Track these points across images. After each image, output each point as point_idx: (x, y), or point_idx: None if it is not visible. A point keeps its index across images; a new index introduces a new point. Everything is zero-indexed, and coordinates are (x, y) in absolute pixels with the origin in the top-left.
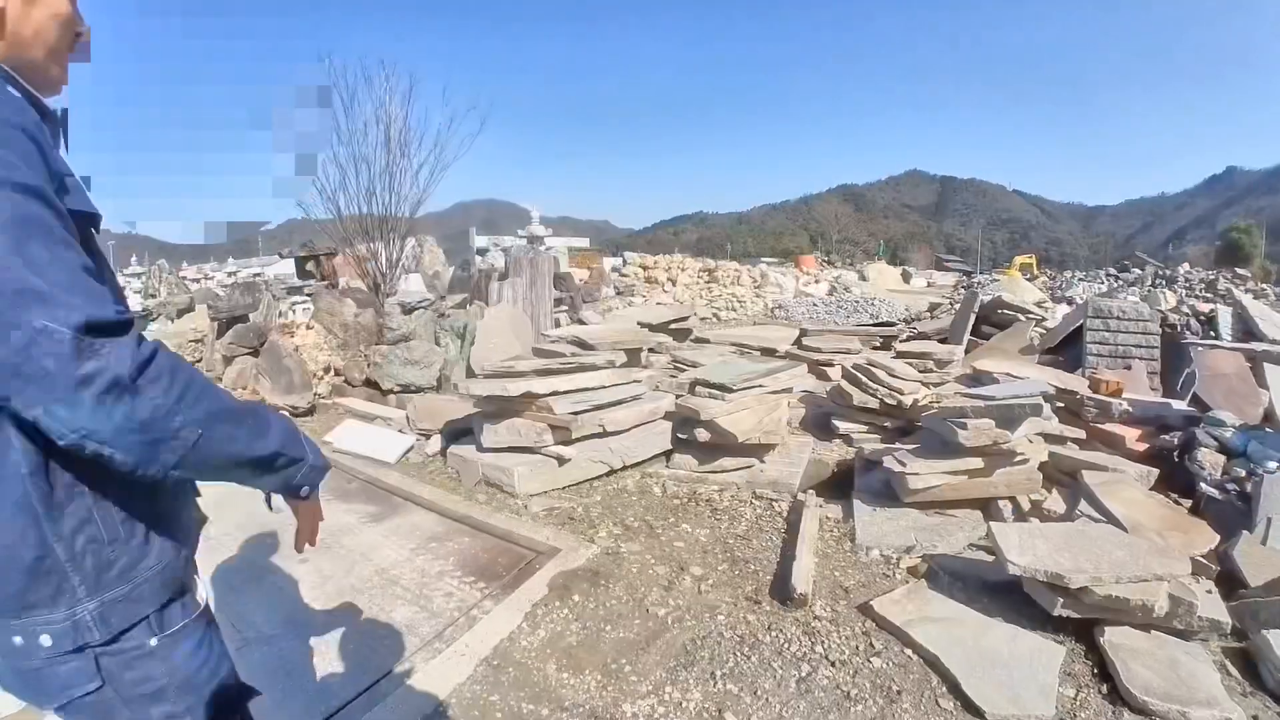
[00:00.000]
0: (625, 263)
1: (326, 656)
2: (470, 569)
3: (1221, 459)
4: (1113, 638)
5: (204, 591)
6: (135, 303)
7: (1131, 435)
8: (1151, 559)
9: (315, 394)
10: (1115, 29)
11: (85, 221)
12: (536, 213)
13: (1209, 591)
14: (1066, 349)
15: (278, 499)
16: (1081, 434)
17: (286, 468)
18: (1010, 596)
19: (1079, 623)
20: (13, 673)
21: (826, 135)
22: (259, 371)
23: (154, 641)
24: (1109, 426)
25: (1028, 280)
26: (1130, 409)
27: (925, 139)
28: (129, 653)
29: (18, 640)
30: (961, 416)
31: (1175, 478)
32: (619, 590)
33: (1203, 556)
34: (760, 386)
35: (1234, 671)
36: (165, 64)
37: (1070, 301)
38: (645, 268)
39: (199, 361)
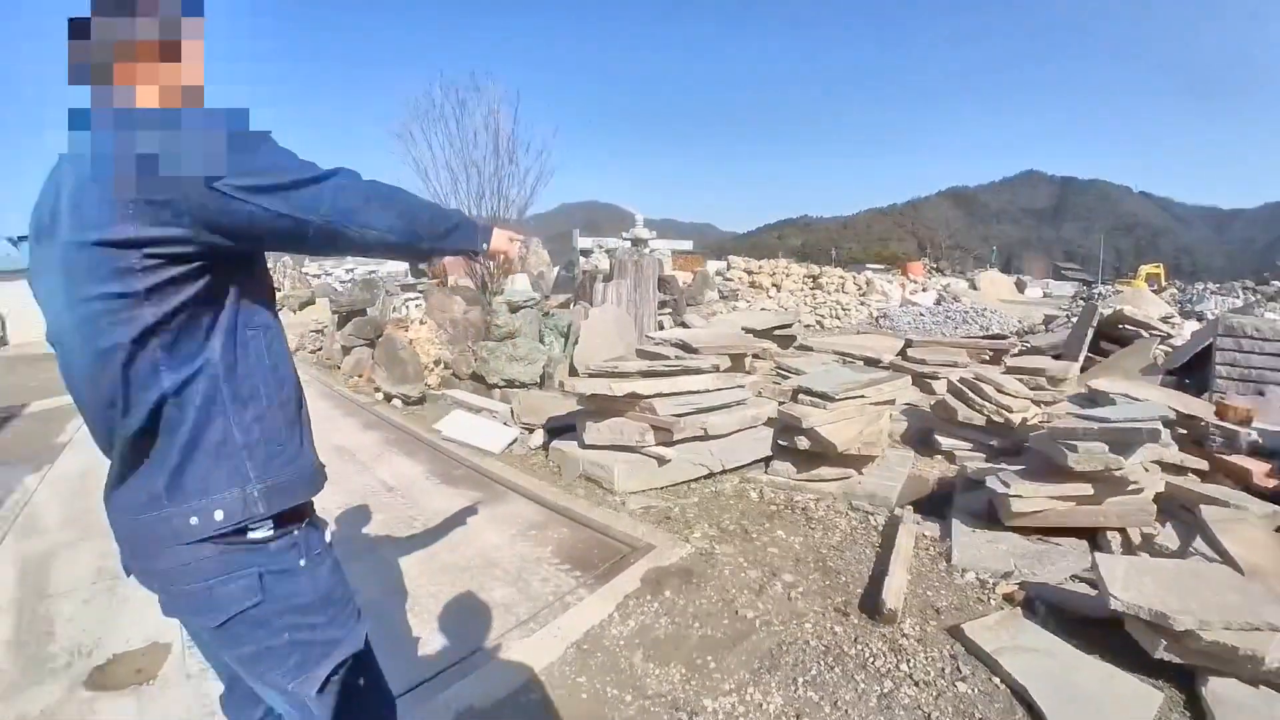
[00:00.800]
0: (729, 267)
1: (426, 626)
2: (567, 558)
3: None
4: (1216, 688)
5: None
6: None
7: (1260, 469)
8: (1267, 606)
9: (426, 384)
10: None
11: None
12: (640, 215)
13: None
14: (1193, 370)
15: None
16: (1204, 465)
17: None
18: (1110, 634)
19: (1180, 669)
20: (182, 596)
21: (935, 134)
22: (375, 361)
23: (303, 562)
24: (1235, 458)
25: (1154, 292)
26: (1260, 440)
27: (1043, 137)
28: (284, 572)
29: (193, 521)
30: (1072, 438)
31: None
32: (710, 590)
33: None
34: (862, 397)
35: None
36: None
37: (1200, 317)
38: (750, 272)
39: (319, 349)
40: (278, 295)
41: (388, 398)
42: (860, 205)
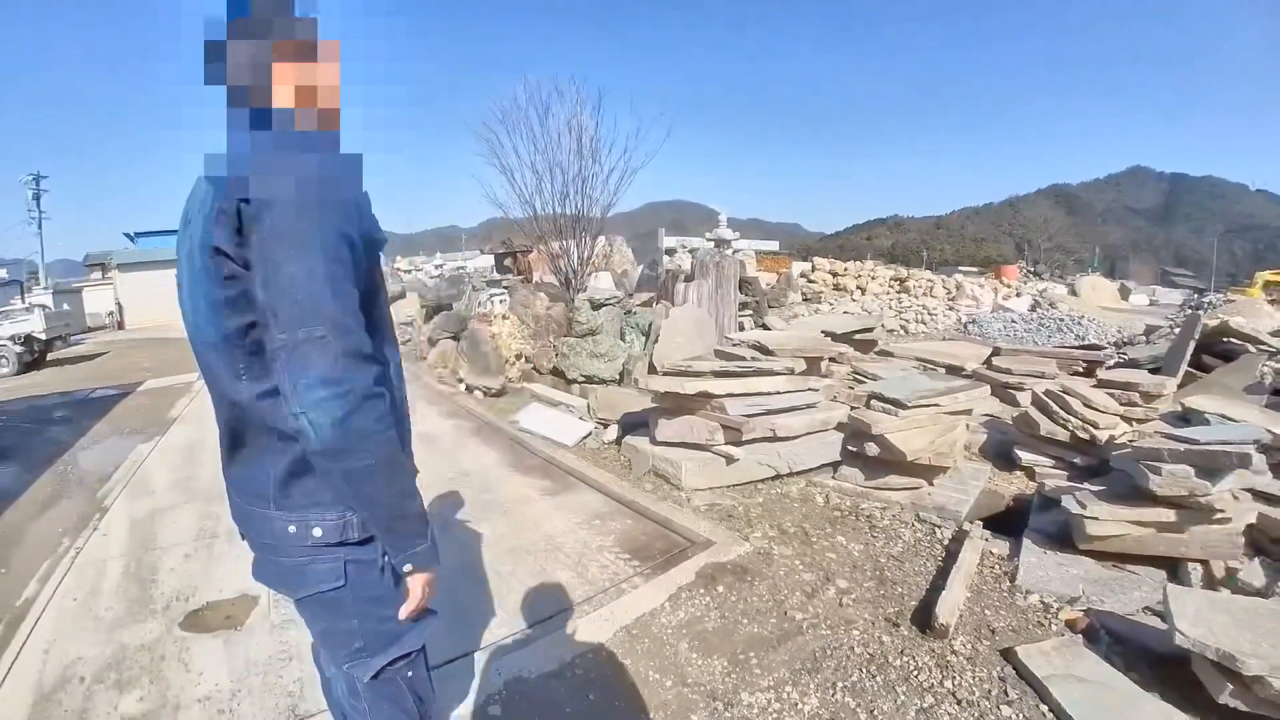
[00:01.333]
0: (813, 268)
1: (489, 601)
2: (627, 547)
3: None
4: None
5: None
6: None
7: None
8: None
9: (507, 378)
10: None
11: (374, 248)
12: (724, 215)
13: None
14: None
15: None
16: None
17: (404, 536)
18: (1176, 673)
19: (1249, 718)
20: (275, 566)
21: (1035, 129)
22: (459, 354)
23: (384, 559)
24: None
25: (1271, 301)
26: None
27: (1151, 131)
28: (367, 564)
29: (291, 529)
30: (1156, 459)
31: None
32: (762, 589)
33: None
34: (936, 405)
35: None
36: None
37: None
38: (834, 274)
39: (407, 342)
40: None
41: (469, 389)
42: (954, 204)
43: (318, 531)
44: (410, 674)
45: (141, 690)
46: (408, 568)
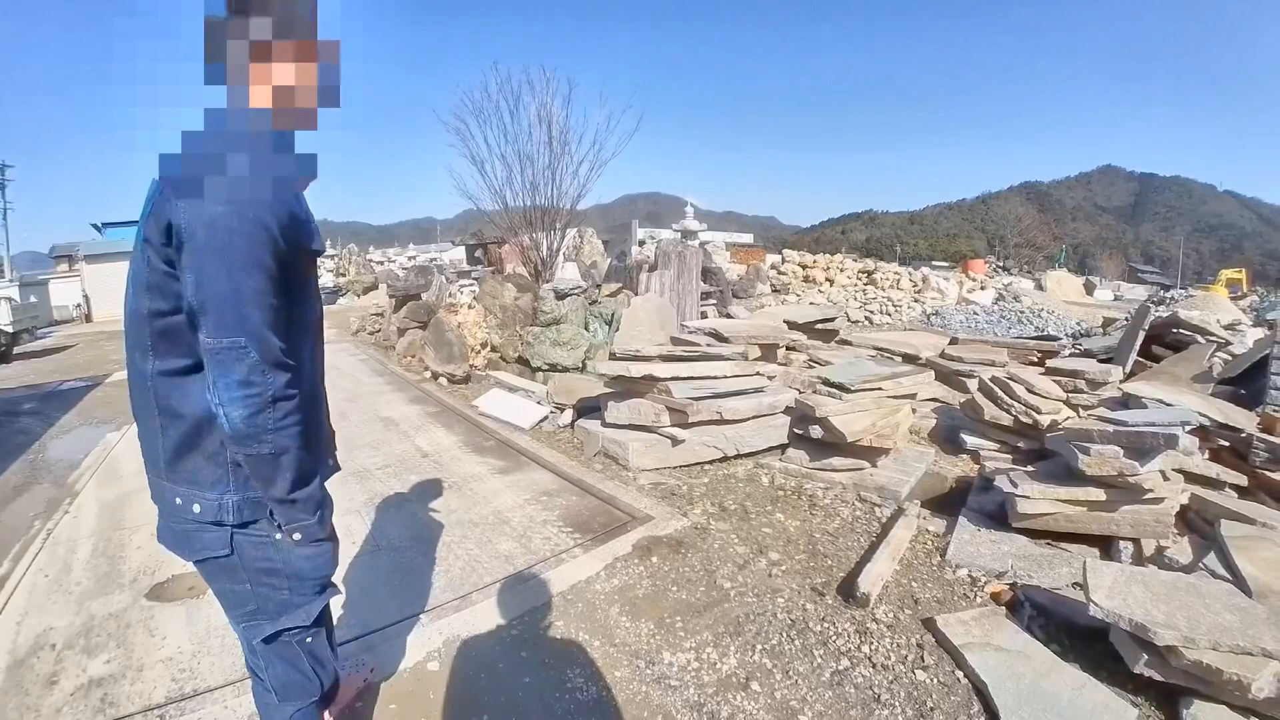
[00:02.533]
0: (784, 260)
1: (438, 568)
2: (570, 522)
3: None
4: (1199, 713)
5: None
6: (328, 280)
7: None
8: (1265, 630)
9: (471, 365)
10: None
11: (313, 254)
12: (691, 207)
13: None
14: (1251, 381)
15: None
16: (1243, 480)
17: (294, 512)
18: (1095, 645)
19: (1166, 689)
20: (170, 531)
21: (1008, 127)
22: (425, 342)
23: (278, 536)
24: None
25: (1235, 298)
26: None
27: (1122, 131)
28: (256, 537)
29: (177, 500)
30: (1087, 441)
31: None
32: (695, 560)
33: None
34: (880, 390)
35: None
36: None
37: (1271, 325)
38: (804, 266)
39: (378, 331)
40: (343, 280)
41: (435, 376)
42: (928, 200)
43: (196, 508)
44: (309, 640)
45: (109, 654)
46: (296, 536)
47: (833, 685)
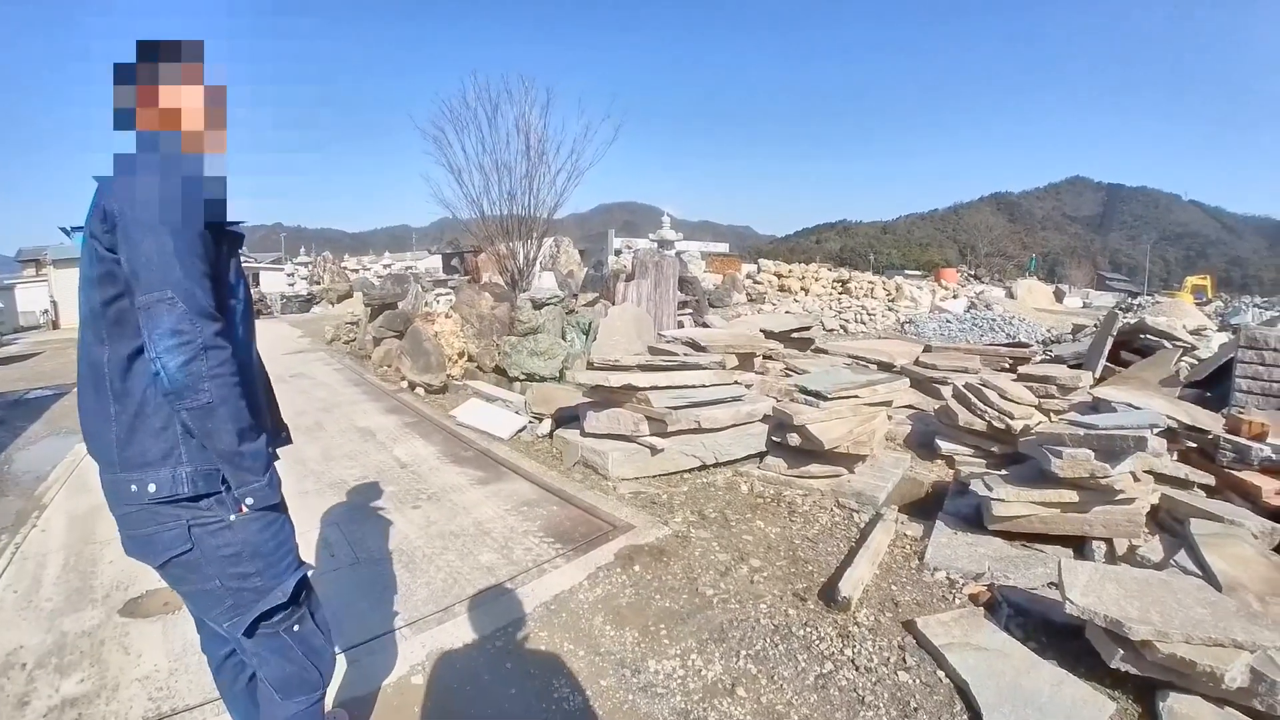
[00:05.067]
0: (759, 269)
1: (419, 580)
2: (551, 532)
3: None
4: (1175, 704)
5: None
6: (303, 288)
7: (1271, 486)
8: (1236, 622)
9: (448, 375)
10: None
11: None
12: (667, 217)
13: None
14: (1216, 384)
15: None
16: (1210, 479)
17: (243, 472)
18: (1072, 642)
19: (1142, 682)
20: (131, 541)
21: (979, 139)
22: (401, 352)
23: (232, 517)
24: (1246, 474)
25: (1201, 304)
26: (1274, 456)
27: (1090, 143)
28: (211, 524)
29: (133, 488)
30: (1059, 444)
31: None
32: (677, 568)
33: None
34: (856, 397)
35: None
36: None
37: (1234, 330)
38: (779, 275)
39: (354, 340)
40: (318, 288)
41: (412, 386)
42: (901, 210)
43: (152, 487)
44: (296, 628)
45: (82, 673)
46: (249, 500)
47: (817, 689)
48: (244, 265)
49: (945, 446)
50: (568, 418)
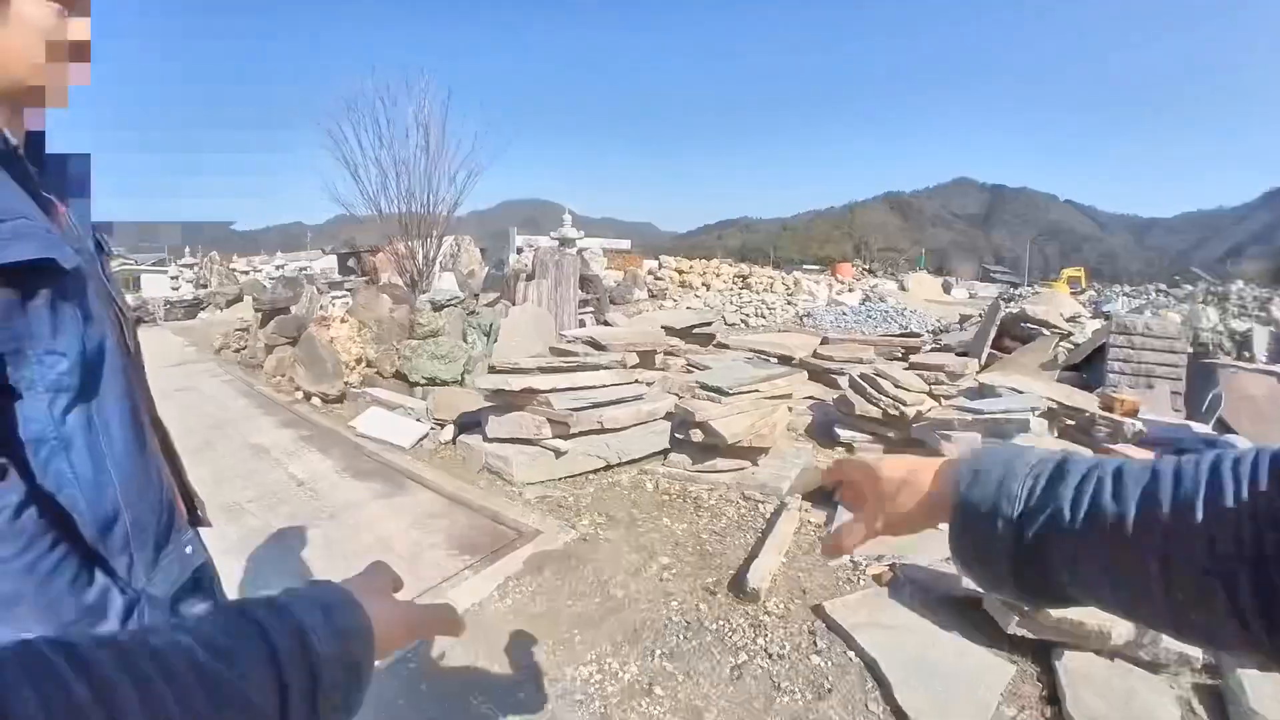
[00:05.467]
0: (661, 266)
1: None
2: (458, 543)
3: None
4: (1070, 663)
5: None
6: (188, 291)
7: (1143, 457)
8: None
9: (346, 383)
10: (1171, 37)
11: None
12: (569, 214)
13: None
14: (1091, 366)
15: None
16: (1088, 454)
17: None
18: (973, 613)
19: (1039, 645)
20: None
21: (873, 141)
22: (295, 360)
23: None
24: (1120, 447)
25: (1076, 294)
26: (1144, 429)
27: (974, 146)
28: None
29: None
30: (949, 429)
31: None
32: (587, 572)
33: None
34: (756, 391)
35: (1200, 710)
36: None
37: (1106, 316)
38: (680, 271)
39: (244, 348)
40: (204, 292)
41: (307, 396)
42: (800, 208)
43: None
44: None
45: None
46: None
47: (733, 680)
48: (125, 268)
49: (844, 434)
50: (471, 423)
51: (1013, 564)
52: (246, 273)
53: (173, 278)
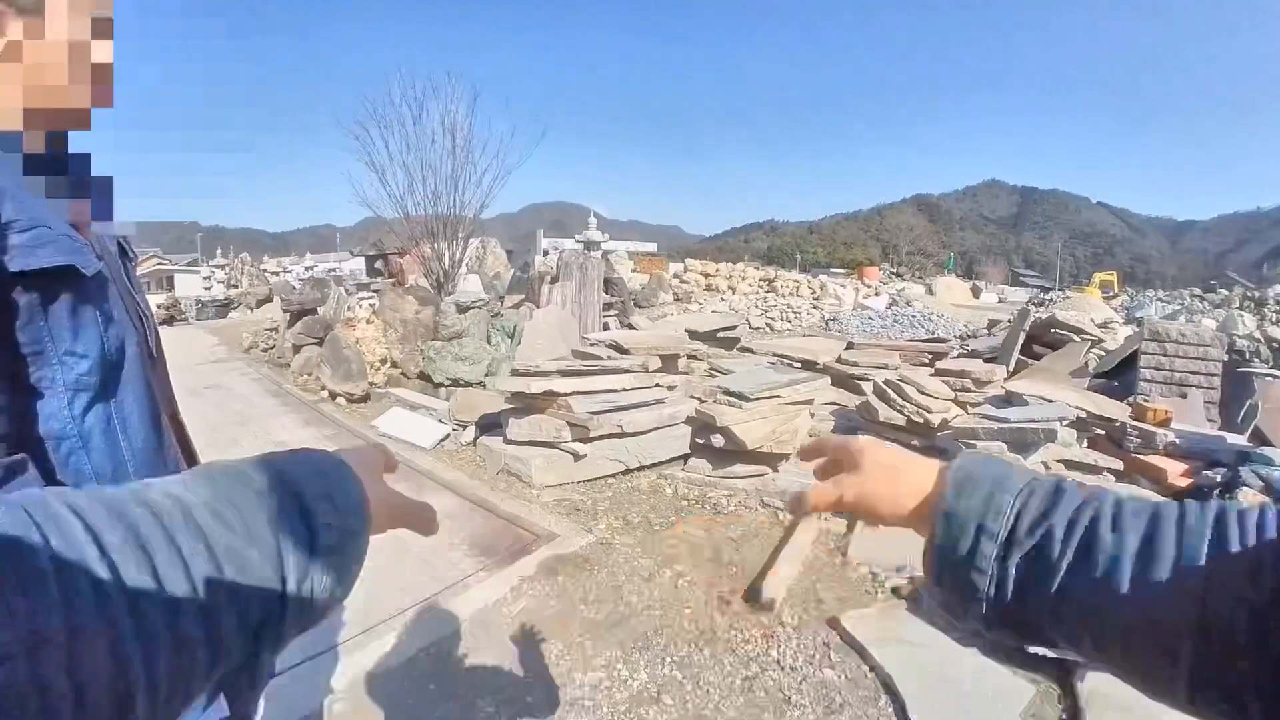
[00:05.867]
0: (686, 269)
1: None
2: (475, 544)
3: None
4: (1092, 684)
5: None
6: (219, 291)
7: (1175, 469)
8: None
9: (371, 383)
10: (1208, 36)
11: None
12: (594, 217)
13: None
14: (1122, 374)
15: None
16: (1119, 465)
17: None
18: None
19: (1060, 662)
20: None
21: (901, 143)
22: (321, 360)
23: None
24: (1152, 458)
25: (1108, 299)
26: (1177, 440)
27: (1005, 148)
28: None
29: None
30: (973, 438)
31: None
32: (601, 576)
33: None
34: (778, 397)
35: None
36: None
37: (1139, 323)
38: (706, 275)
39: (272, 348)
40: (235, 292)
41: (333, 395)
42: (827, 211)
43: None
44: None
45: None
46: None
47: (744, 691)
48: (159, 268)
49: None
50: (492, 424)
51: (992, 589)
52: (276, 274)
53: (205, 278)
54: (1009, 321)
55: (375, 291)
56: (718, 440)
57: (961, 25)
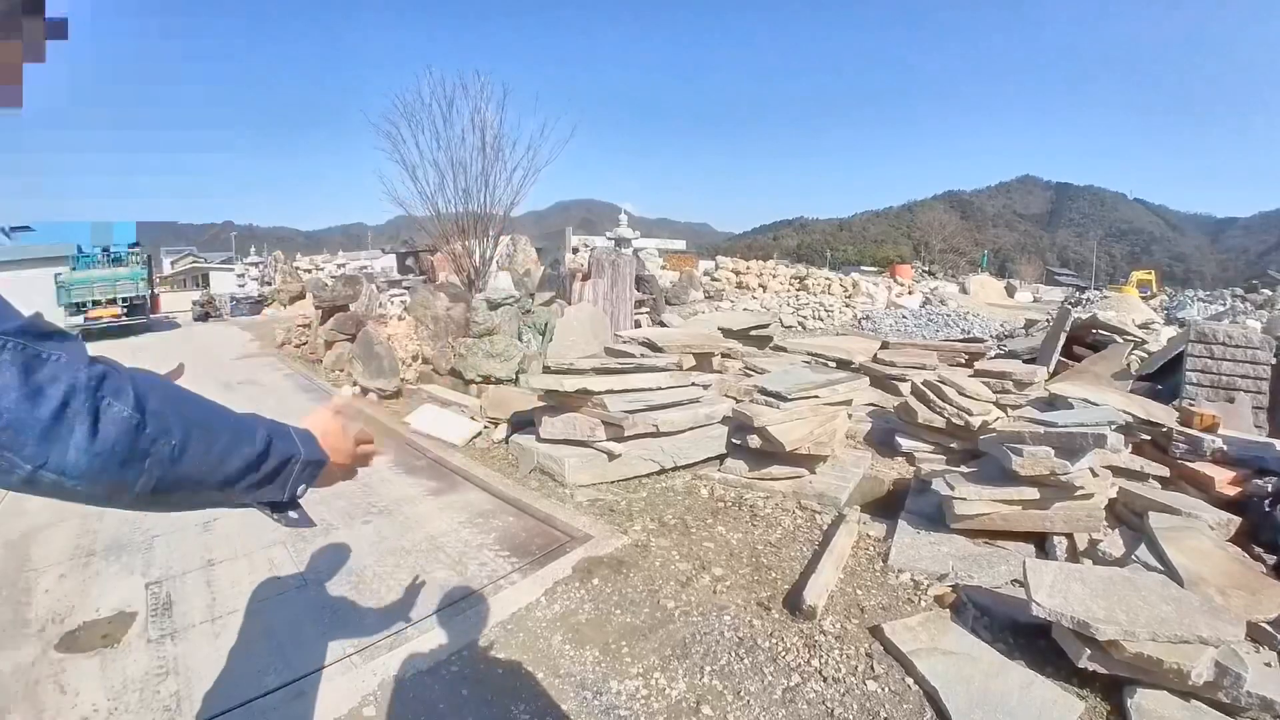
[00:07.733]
0: (717, 267)
1: (368, 602)
2: (507, 545)
3: None
4: (1142, 701)
5: None
6: (253, 288)
7: (1223, 477)
8: (1199, 618)
9: (402, 379)
10: (1246, 27)
11: None
12: (625, 215)
13: (1267, 664)
14: (1166, 377)
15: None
16: (1165, 471)
17: (278, 470)
18: (1039, 641)
19: (1110, 680)
20: None
21: (933, 139)
22: (353, 356)
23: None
24: (1199, 465)
25: (1146, 298)
26: (1225, 447)
27: (1039, 143)
28: None
29: None
30: (1019, 442)
31: (1260, 530)
32: (637, 580)
33: (1269, 623)
34: (816, 397)
35: None
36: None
37: (1181, 323)
38: (737, 273)
39: (305, 344)
40: (269, 289)
41: (364, 391)
42: (857, 207)
43: None
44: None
45: (17, 716)
46: (301, 489)
47: (785, 703)
48: (195, 266)
49: (905, 444)
50: (524, 422)
51: None
52: (309, 271)
53: (239, 275)
54: (1047, 321)
55: (407, 288)
56: (754, 441)
57: (992, 18)
